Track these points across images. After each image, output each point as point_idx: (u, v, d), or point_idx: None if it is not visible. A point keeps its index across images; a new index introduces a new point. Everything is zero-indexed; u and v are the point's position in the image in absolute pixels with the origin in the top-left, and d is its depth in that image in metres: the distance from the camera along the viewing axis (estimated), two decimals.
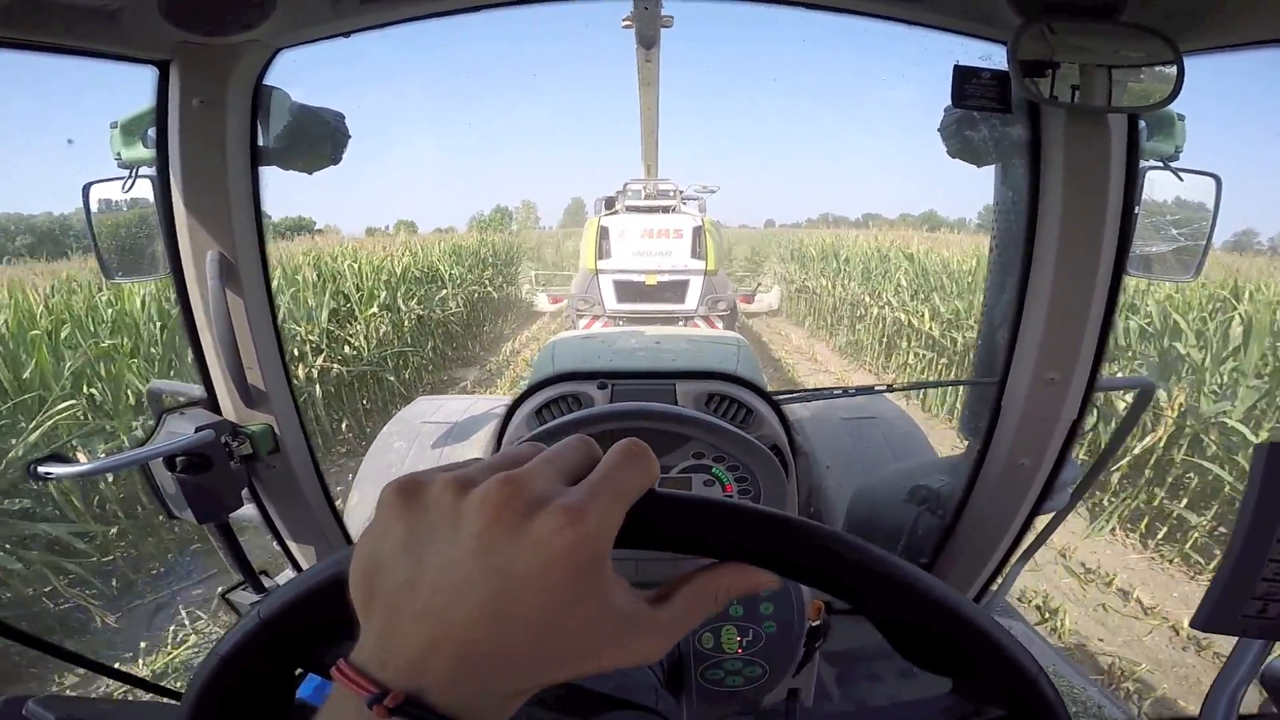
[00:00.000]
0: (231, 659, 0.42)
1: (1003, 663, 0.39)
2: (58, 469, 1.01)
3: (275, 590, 0.42)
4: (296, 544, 1.40)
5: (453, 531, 0.31)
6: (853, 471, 1.99)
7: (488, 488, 0.31)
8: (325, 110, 1.22)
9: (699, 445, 1.07)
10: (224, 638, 0.42)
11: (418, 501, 0.32)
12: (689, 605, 0.36)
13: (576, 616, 0.31)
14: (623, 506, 0.33)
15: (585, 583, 0.31)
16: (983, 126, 1.19)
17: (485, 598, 0.30)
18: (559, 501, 0.31)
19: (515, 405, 1.35)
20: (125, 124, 1.10)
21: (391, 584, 0.31)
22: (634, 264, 8.45)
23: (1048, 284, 1.12)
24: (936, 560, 1.48)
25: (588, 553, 0.31)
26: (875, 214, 34.55)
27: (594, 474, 0.34)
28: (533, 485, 0.32)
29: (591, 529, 0.31)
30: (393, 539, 0.32)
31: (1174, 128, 1.14)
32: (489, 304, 12.67)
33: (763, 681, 0.87)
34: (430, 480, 0.33)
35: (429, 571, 0.31)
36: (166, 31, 0.95)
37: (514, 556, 0.30)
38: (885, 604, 0.38)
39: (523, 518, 0.31)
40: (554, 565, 0.30)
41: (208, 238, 1.09)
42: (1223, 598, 0.68)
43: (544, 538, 0.30)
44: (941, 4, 1.00)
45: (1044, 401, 1.20)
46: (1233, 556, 0.68)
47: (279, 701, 0.46)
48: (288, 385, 1.26)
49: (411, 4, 1.06)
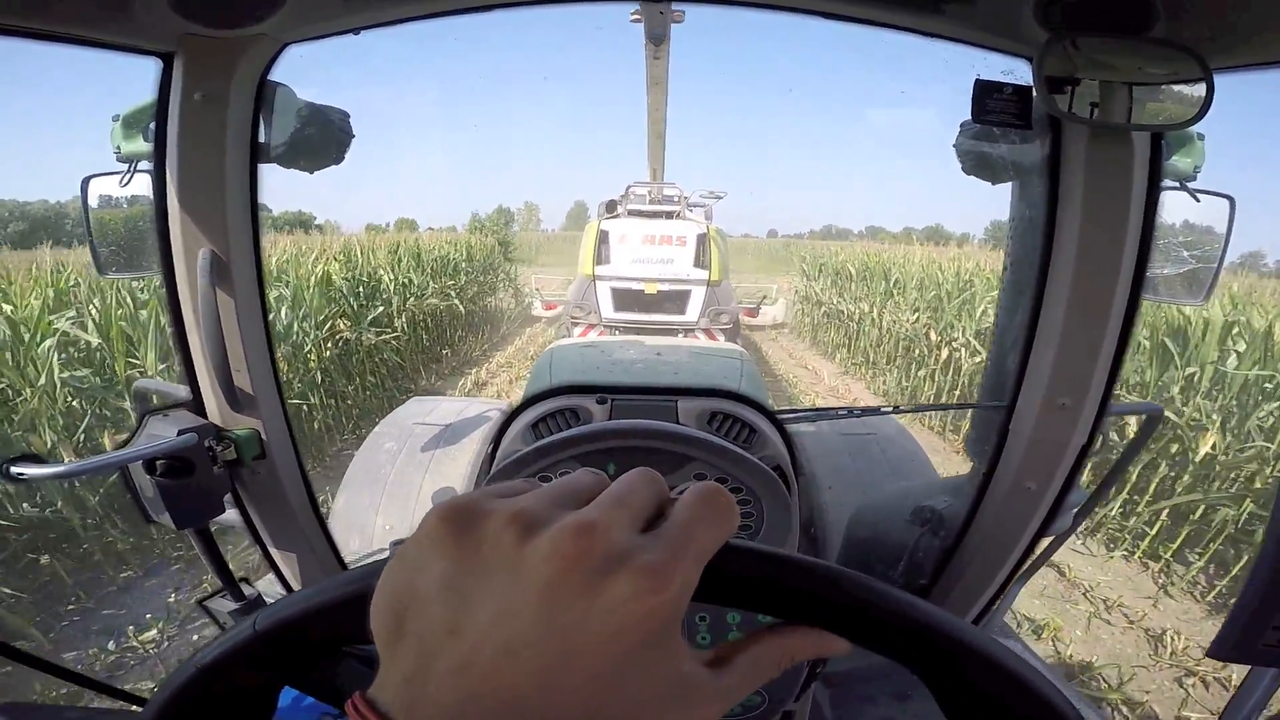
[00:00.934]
0: (212, 669, 0.39)
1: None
2: (31, 470, 0.97)
3: (273, 604, 0.39)
4: (280, 552, 1.35)
5: (512, 579, 0.27)
6: (852, 490, 1.96)
7: (559, 536, 0.28)
8: (330, 108, 1.20)
9: (701, 466, 1.04)
10: (207, 647, 0.40)
11: (471, 536, 0.29)
12: (751, 670, 0.33)
13: (637, 684, 0.28)
14: (701, 565, 0.30)
15: (654, 650, 0.28)
16: (1001, 143, 1.18)
17: (542, 660, 0.26)
18: (639, 561, 0.28)
19: (511, 417, 1.32)
20: (127, 117, 1.07)
21: (428, 625, 0.28)
22: (634, 271, 8.00)
23: (1062, 307, 1.10)
24: (937, 581, 1.46)
25: (664, 619, 0.28)
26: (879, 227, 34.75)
27: (673, 526, 0.30)
28: (609, 536, 0.28)
29: (672, 595, 0.28)
30: (435, 574, 0.28)
31: (1194, 147, 1.13)
32: (456, 319, 10.71)
33: (762, 710, 0.85)
34: (487, 512, 0.29)
35: (478, 620, 0.27)
36: (173, 22, 0.93)
37: (583, 618, 0.26)
38: (972, 685, 0.36)
39: (598, 575, 0.27)
40: (626, 632, 0.27)
41: (201, 235, 1.06)
42: (1243, 627, 0.69)
43: (620, 602, 0.27)
44: (966, 17, 0.99)
45: (1054, 426, 1.18)
46: (1255, 586, 0.68)
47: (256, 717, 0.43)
48: (276, 390, 1.23)
49: (419, 3, 1.04)
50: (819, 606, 0.34)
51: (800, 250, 20.03)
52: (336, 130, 1.22)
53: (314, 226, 19.63)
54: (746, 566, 0.33)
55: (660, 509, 0.31)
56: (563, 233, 33.37)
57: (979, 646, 0.35)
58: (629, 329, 7.62)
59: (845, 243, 19.59)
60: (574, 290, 8.31)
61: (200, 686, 0.39)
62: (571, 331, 7.88)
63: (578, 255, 8.71)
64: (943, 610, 0.35)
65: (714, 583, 0.31)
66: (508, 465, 1.01)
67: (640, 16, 5.85)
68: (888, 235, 30.13)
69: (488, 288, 13.37)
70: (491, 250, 15.12)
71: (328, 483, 3.93)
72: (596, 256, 8.01)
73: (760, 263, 24.81)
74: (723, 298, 8.31)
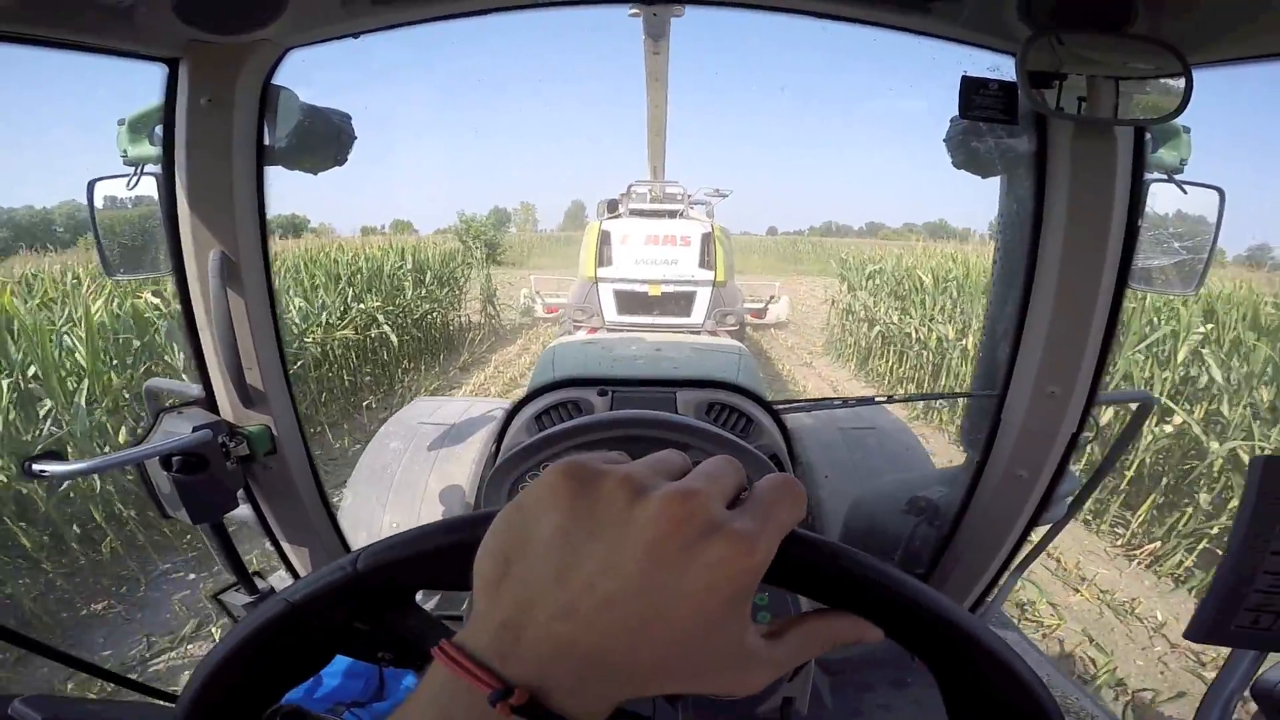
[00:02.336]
0: (304, 605, 0.41)
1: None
2: (53, 466, 0.99)
3: (377, 543, 0.41)
4: (291, 546, 1.39)
5: (621, 535, 0.30)
6: (850, 481, 1.99)
7: (667, 498, 0.30)
8: (332, 111, 1.22)
9: (699, 454, 1.07)
10: (296, 584, 0.42)
11: (588, 492, 0.31)
12: (799, 646, 0.36)
13: (713, 641, 0.31)
14: (779, 539, 0.33)
15: (733, 610, 0.31)
16: (989, 138, 1.20)
17: (639, 609, 0.29)
18: (733, 527, 0.31)
19: (515, 410, 1.35)
20: (133, 121, 1.09)
21: (536, 572, 0.30)
22: (637, 272, 7.73)
23: (1050, 297, 1.13)
24: (934, 570, 1.48)
25: (747, 582, 0.31)
26: (879, 223, 34.49)
27: (758, 503, 0.33)
28: (708, 505, 0.31)
29: (759, 560, 0.31)
30: (550, 524, 0.31)
31: (1180, 140, 1.14)
32: (388, 348, 8.55)
33: (759, 692, 0.87)
34: (605, 473, 0.32)
35: (584, 570, 0.29)
36: (178, 29, 0.95)
37: (680, 576, 0.29)
38: (987, 685, 0.38)
39: (698, 537, 0.30)
40: (716, 589, 0.30)
41: (211, 237, 1.09)
42: (1216, 608, 0.70)
43: (715, 562, 0.30)
44: (952, 15, 1.01)
45: (1044, 415, 1.20)
46: (1227, 568, 0.69)
47: (310, 664, 0.45)
48: (286, 387, 1.26)
49: (420, 6, 1.06)
50: (864, 598, 0.37)
51: (837, 250, 18.29)
52: (339, 132, 1.24)
53: (307, 229, 19.36)
54: (808, 553, 0.36)
55: (740, 489, 0.34)
56: (560, 233, 32.94)
57: (998, 654, 0.38)
58: (633, 332, 7.21)
59: (903, 241, 17.62)
60: (575, 292, 8.11)
61: (287, 619, 0.41)
62: (574, 335, 7.54)
63: (573, 255, 8.36)
64: (974, 616, 0.38)
65: (781, 565, 0.34)
66: (514, 455, 1.03)
67: (639, 12, 5.80)
68: (888, 231, 29.97)
69: (449, 303, 11.26)
70: (455, 256, 12.84)
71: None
72: (598, 258, 7.79)
73: (767, 262, 24.24)
74: (728, 299, 8.09)
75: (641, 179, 8.37)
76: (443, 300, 10.87)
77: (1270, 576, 0.67)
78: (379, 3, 1.02)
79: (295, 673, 0.44)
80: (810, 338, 12.17)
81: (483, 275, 12.50)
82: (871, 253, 12.20)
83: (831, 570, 0.37)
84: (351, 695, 1.21)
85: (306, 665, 0.44)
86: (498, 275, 15.90)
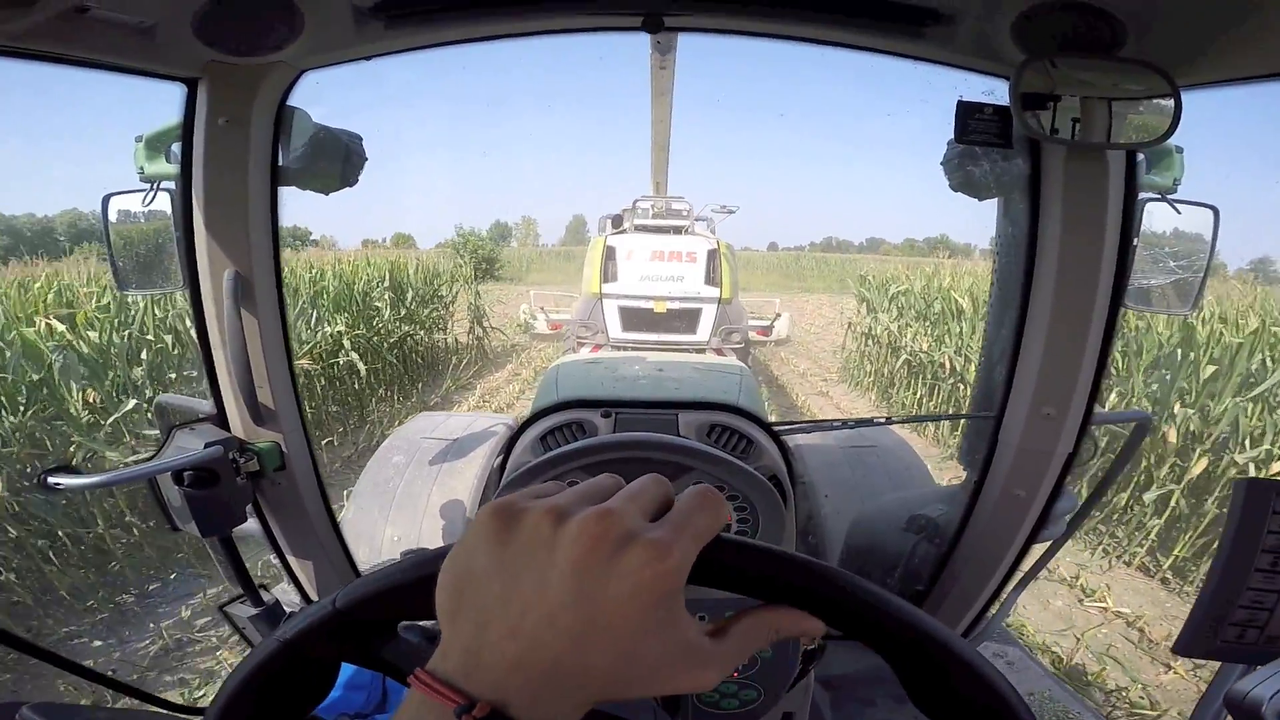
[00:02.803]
0: (295, 643, 0.44)
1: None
2: (67, 480, 1.01)
3: (353, 583, 0.44)
4: (298, 560, 1.40)
5: (548, 556, 0.34)
6: (851, 500, 2.00)
7: (584, 520, 0.34)
8: (343, 132, 1.25)
9: (700, 475, 1.08)
10: (288, 623, 0.45)
11: (516, 526, 0.35)
12: (744, 640, 0.39)
13: (652, 642, 0.34)
14: (698, 546, 0.36)
15: (663, 613, 0.34)
16: (984, 161, 1.22)
17: (576, 620, 0.32)
18: (647, 538, 0.34)
19: (520, 430, 1.36)
20: (150, 139, 1.12)
21: (483, 600, 0.34)
22: (642, 289, 7.66)
23: (1045, 319, 1.15)
24: (933, 587, 1.49)
25: (668, 586, 0.34)
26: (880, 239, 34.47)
27: (674, 514, 0.37)
28: (623, 521, 0.35)
29: (674, 564, 0.34)
30: (488, 558, 0.35)
31: (1172, 160, 1.17)
32: (356, 377, 7.42)
33: (757, 705, 0.88)
34: (527, 507, 0.36)
35: (523, 592, 0.33)
36: (198, 50, 0.98)
37: (605, 584, 0.33)
38: (922, 665, 0.41)
39: (615, 550, 0.33)
40: (640, 594, 0.33)
41: (225, 255, 1.11)
42: (1202, 623, 0.72)
43: (633, 569, 0.33)
44: (946, 40, 1.04)
45: (1040, 435, 1.22)
46: (1212, 584, 0.72)
47: (311, 697, 0.48)
48: (296, 405, 1.28)
49: (431, 31, 1.09)
50: (796, 593, 0.40)
51: (843, 266, 17.54)
52: (349, 153, 1.27)
53: (310, 242, 19.24)
54: (731, 555, 0.40)
55: (666, 505, 0.38)
56: (561, 247, 32.75)
57: (936, 634, 0.40)
58: (638, 349, 7.21)
59: (929, 259, 16.61)
60: (579, 309, 8.05)
61: (281, 659, 0.44)
62: (579, 352, 7.35)
63: (574, 270, 8.20)
64: (901, 599, 0.40)
65: (707, 569, 0.38)
66: (520, 475, 1.05)
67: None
68: (890, 247, 29.84)
69: (432, 323, 10.04)
70: (442, 273, 11.53)
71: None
72: (603, 274, 7.71)
73: (770, 279, 23.74)
74: (734, 316, 7.99)
75: (646, 194, 8.31)
76: (425, 321, 9.87)
77: (1254, 593, 0.70)
78: (391, 28, 1.05)
79: (300, 705, 0.47)
80: (823, 362, 11.47)
81: (471, 292, 11.37)
82: (894, 271, 11.18)
83: (758, 568, 0.40)
84: (354, 707, 1.22)
85: (309, 697, 0.48)
86: (495, 291, 15.52)
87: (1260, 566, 0.69)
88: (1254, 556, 0.69)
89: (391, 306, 8.98)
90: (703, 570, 0.37)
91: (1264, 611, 0.70)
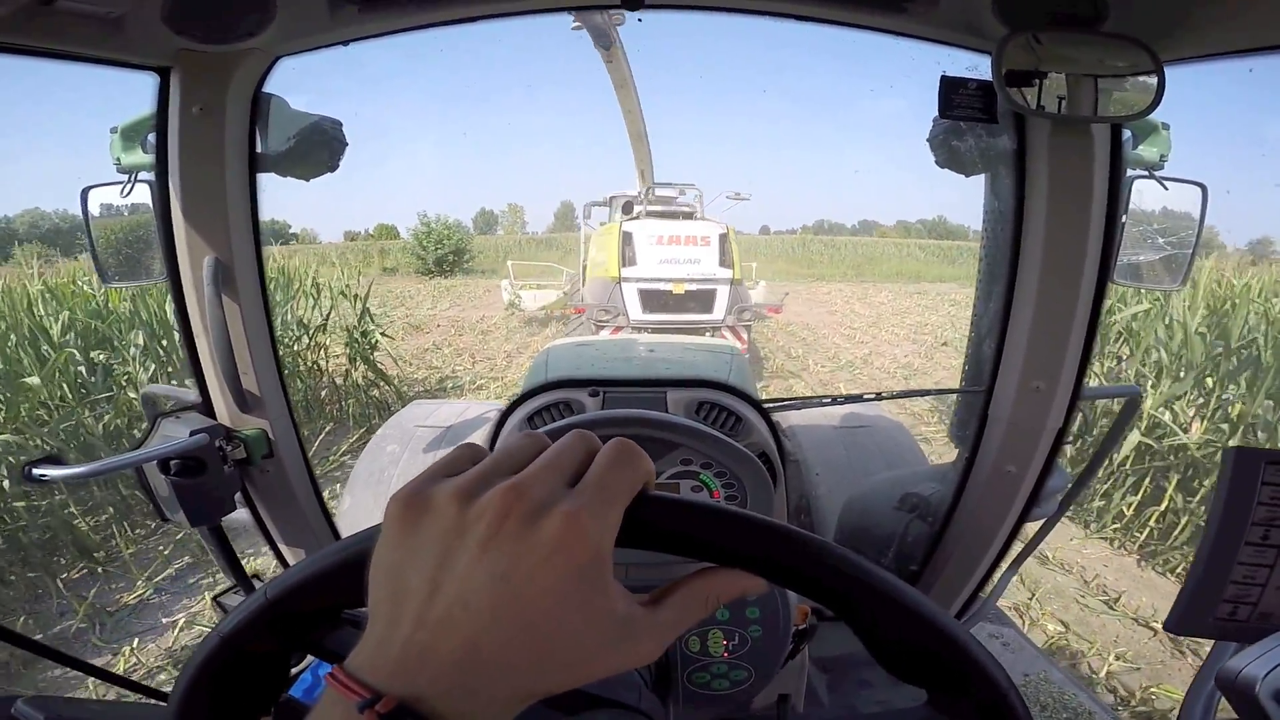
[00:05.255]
0: (233, 638, 0.43)
1: (977, 676, 0.40)
2: (52, 471, 1.01)
3: (282, 574, 0.43)
4: (289, 548, 1.40)
5: (459, 541, 0.32)
6: (845, 479, 2.00)
7: (491, 497, 0.33)
8: (323, 118, 1.24)
9: (687, 452, 1.08)
10: (226, 618, 0.44)
11: (423, 513, 0.33)
12: (682, 608, 0.37)
13: (577, 619, 0.32)
14: (619, 508, 0.35)
15: (587, 586, 0.32)
16: (969, 137, 1.21)
17: (490, 602, 0.31)
18: (560, 508, 0.32)
19: (508, 411, 1.36)
20: (125, 129, 1.11)
21: (395, 592, 0.33)
22: (661, 271, 8.06)
23: (1032, 293, 1.14)
24: (926, 566, 1.49)
25: (588, 555, 0.32)
26: (873, 221, 34.07)
27: (589, 478, 0.35)
28: (534, 491, 0.33)
29: (592, 532, 0.32)
30: (401, 549, 0.33)
31: (1159, 136, 1.16)
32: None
33: (748, 685, 0.88)
34: (434, 491, 0.34)
35: (434, 579, 0.32)
36: (168, 39, 0.97)
37: (518, 562, 0.31)
38: (866, 612, 0.40)
39: (525, 525, 0.32)
40: (556, 568, 0.31)
41: (204, 243, 1.11)
42: (1193, 601, 0.70)
43: (546, 542, 0.31)
44: (927, 15, 1.02)
45: (1029, 410, 1.22)
46: (1203, 560, 0.70)
47: (270, 689, 0.47)
48: (282, 391, 1.27)
49: (407, 15, 1.08)
50: (732, 549, 0.38)
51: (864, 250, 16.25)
52: (330, 139, 1.26)
53: (290, 236, 18.84)
54: (667, 515, 0.37)
55: (588, 463, 0.36)
56: (549, 235, 32.10)
57: (869, 578, 0.39)
58: (658, 330, 7.59)
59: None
60: (595, 293, 8.27)
61: (223, 655, 0.43)
62: (599, 335, 7.73)
63: (559, 259, 8.41)
64: (839, 546, 0.39)
65: (640, 531, 0.36)
66: None
67: (581, 24, 5.96)
68: (884, 229, 29.33)
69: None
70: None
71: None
72: (622, 258, 8.04)
73: (776, 265, 22.47)
74: (743, 296, 8.39)
75: (663, 181, 8.76)
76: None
77: (1245, 568, 0.67)
78: (366, 11, 1.03)
79: (256, 697, 0.46)
80: (909, 405, 6.51)
81: (360, 304, 7.09)
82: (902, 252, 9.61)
83: (691, 525, 0.38)
84: None
85: (264, 689, 0.47)
86: (460, 287, 14.27)
87: (1250, 540, 0.67)
88: (1244, 529, 0.67)
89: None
90: (631, 532, 0.35)
91: (1256, 587, 0.68)
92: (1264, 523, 0.67)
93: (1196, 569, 0.70)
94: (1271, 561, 0.67)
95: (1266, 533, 0.67)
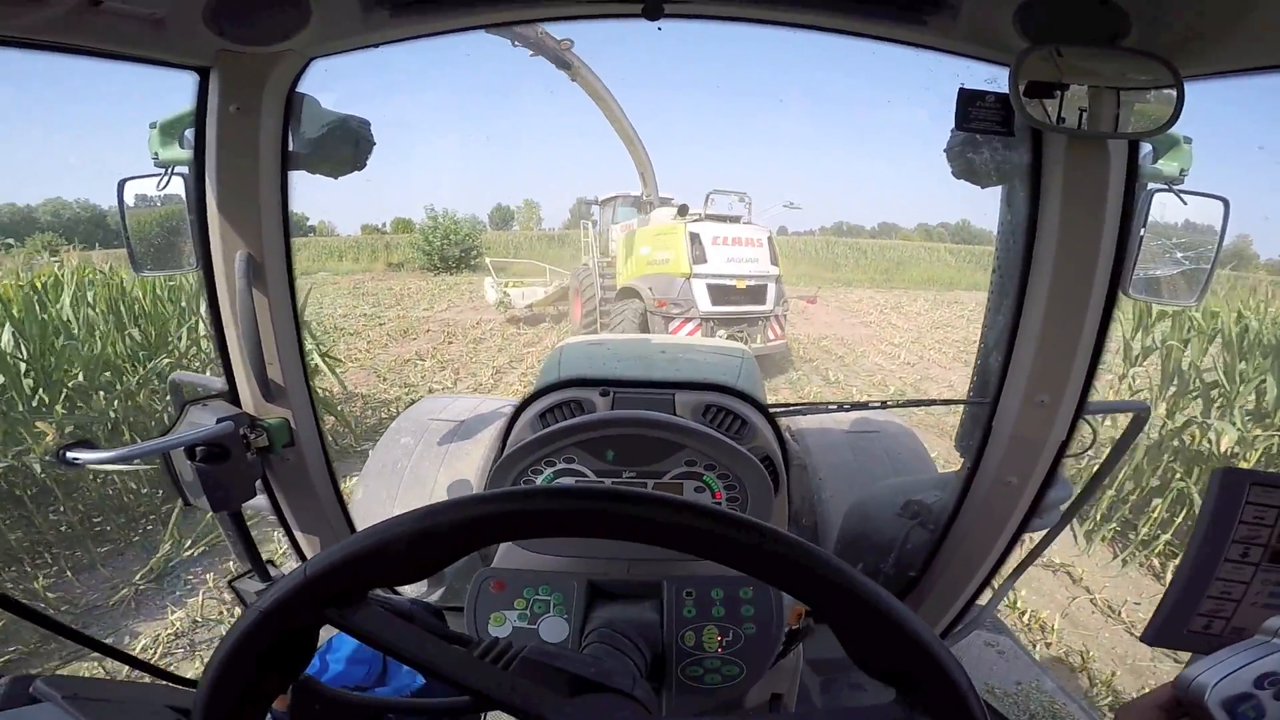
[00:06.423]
0: (273, 614, 0.46)
1: (937, 676, 0.42)
2: (85, 455, 1.05)
3: (322, 553, 0.47)
4: (304, 535, 1.43)
5: None
6: (851, 484, 2.01)
7: None
8: (352, 117, 1.27)
9: (691, 453, 1.10)
10: (265, 593, 0.47)
11: None
12: None
13: None
14: None
15: None
16: (985, 149, 1.22)
17: None
18: None
19: (521, 408, 1.39)
20: (164, 125, 1.15)
21: None
22: (728, 269, 9.25)
23: (1041, 306, 1.15)
24: (925, 573, 1.50)
25: None
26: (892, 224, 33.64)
27: None
28: None
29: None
30: None
31: (1180, 150, 1.16)
32: None
33: (740, 681, 0.90)
34: None
35: None
36: (209, 40, 1.01)
37: None
38: (820, 598, 0.44)
39: None
40: None
41: (237, 237, 1.14)
42: (1171, 614, 0.73)
43: None
44: (948, 28, 1.03)
45: (1033, 423, 1.23)
46: (1183, 575, 0.72)
47: (293, 668, 0.51)
48: (305, 382, 1.31)
49: (435, 19, 1.11)
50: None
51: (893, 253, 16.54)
52: (358, 138, 1.29)
53: (309, 229, 18.80)
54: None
55: None
56: (562, 231, 31.79)
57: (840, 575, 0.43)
58: (723, 320, 8.99)
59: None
60: (661, 288, 9.29)
61: (262, 630, 0.47)
62: (667, 327, 8.93)
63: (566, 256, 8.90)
64: (793, 535, 0.43)
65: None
66: (515, 451, 1.07)
67: (537, 52, 6.20)
68: (904, 233, 28.82)
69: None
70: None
71: None
72: (691, 257, 9.17)
73: (799, 269, 22.07)
74: (783, 291, 9.85)
75: (719, 189, 10.16)
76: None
77: (1223, 583, 0.70)
78: (396, 16, 1.06)
79: (284, 671, 0.50)
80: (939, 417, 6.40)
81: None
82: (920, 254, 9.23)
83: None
84: (355, 680, 1.26)
85: (292, 663, 0.50)
86: (465, 284, 14.14)
87: (1230, 557, 0.69)
88: (1225, 547, 0.69)
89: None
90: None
91: (1231, 602, 0.70)
92: (1244, 540, 0.70)
93: (1176, 584, 0.73)
94: (1248, 578, 0.70)
95: (1246, 550, 0.70)
